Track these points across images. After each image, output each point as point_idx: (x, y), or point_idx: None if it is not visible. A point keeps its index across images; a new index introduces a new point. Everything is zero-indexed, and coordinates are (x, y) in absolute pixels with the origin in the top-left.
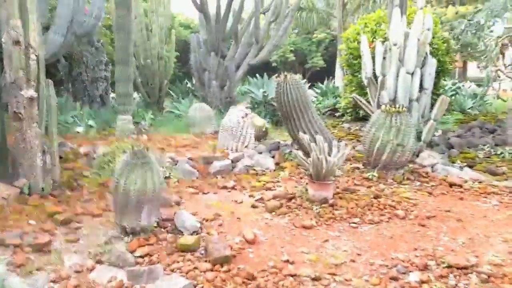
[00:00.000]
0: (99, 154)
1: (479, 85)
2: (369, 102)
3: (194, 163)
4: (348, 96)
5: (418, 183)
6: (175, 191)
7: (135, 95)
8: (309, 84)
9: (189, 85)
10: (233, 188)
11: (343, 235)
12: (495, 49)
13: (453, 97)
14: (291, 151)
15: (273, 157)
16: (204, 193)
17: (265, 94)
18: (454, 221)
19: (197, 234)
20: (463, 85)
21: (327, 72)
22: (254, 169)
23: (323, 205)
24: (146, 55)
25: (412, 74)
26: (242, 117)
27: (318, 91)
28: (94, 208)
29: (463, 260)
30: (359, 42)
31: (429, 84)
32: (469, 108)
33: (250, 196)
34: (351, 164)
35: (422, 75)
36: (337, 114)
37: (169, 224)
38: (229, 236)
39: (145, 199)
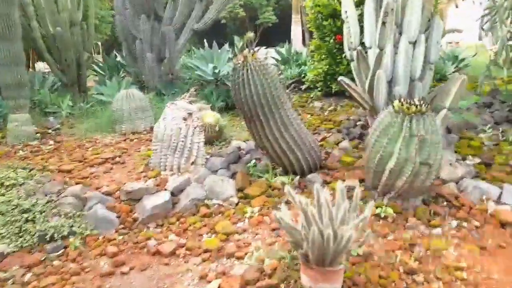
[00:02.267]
0: None
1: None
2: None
3: (113, 200)
4: (317, 67)
5: (454, 222)
6: (70, 273)
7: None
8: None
9: (119, 58)
10: (173, 254)
11: None
12: (506, 3)
13: None
14: (256, 163)
15: (233, 175)
16: (123, 273)
17: (216, 71)
18: None
19: None
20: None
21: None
22: (207, 204)
23: None
24: (54, 21)
25: (415, 43)
26: (185, 119)
27: (278, 58)
28: None
29: None
30: None
31: (435, 55)
32: (449, 74)
33: (200, 277)
34: (343, 181)
35: (426, 44)
36: (303, 87)
37: None
38: None
39: None
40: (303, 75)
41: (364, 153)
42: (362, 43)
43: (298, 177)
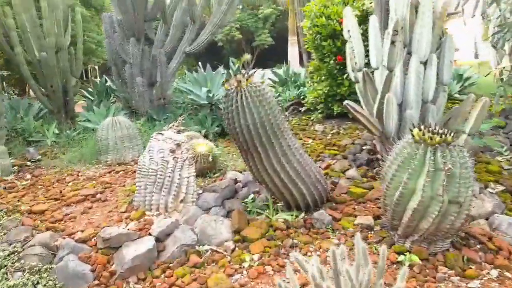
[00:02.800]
0: None
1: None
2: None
3: (89, 249)
4: (317, 88)
5: (494, 271)
6: None
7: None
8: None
9: (109, 83)
10: None
11: None
12: None
13: None
14: (255, 197)
15: (229, 213)
16: None
17: (210, 94)
18: None
19: None
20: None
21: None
22: (198, 251)
23: None
24: (40, 45)
25: (425, 63)
26: (172, 152)
27: (276, 79)
28: None
29: None
30: (327, 17)
31: (448, 76)
32: (455, 93)
33: None
34: (353, 222)
35: (438, 65)
36: (302, 109)
37: None
38: None
39: None
40: (302, 97)
41: (374, 183)
42: (366, 64)
43: (303, 214)
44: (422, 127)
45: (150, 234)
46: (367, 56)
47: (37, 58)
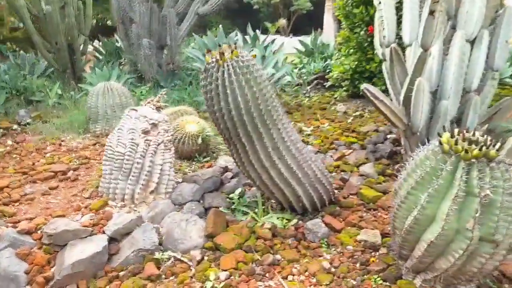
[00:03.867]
0: None
1: None
2: (384, 91)
3: (31, 245)
4: (344, 62)
5: None
6: None
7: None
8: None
9: (120, 43)
10: None
11: None
12: None
13: None
14: (244, 191)
15: (208, 210)
16: None
17: None
18: None
19: None
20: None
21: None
22: (158, 260)
23: None
24: None
25: (473, 42)
26: (146, 133)
27: (302, 49)
28: None
29: None
30: None
31: (502, 60)
32: (507, 77)
33: None
34: (355, 236)
35: (490, 45)
36: (326, 85)
37: None
38: None
39: None
40: (328, 70)
41: (393, 184)
42: (399, 38)
43: (297, 218)
44: (456, 132)
45: (104, 232)
46: (400, 29)
47: (43, 12)
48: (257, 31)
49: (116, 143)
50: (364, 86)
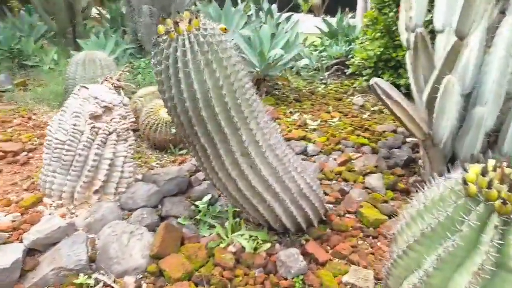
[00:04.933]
0: None
1: None
2: (401, 87)
3: None
4: (368, 48)
5: None
6: None
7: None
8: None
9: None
10: None
11: None
12: None
13: None
14: (215, 198)
15: (164, 220)
16: None
17: None
18: None
19: None
20: None
21: None
22: (81, 285)
23: None
24: None
25: None
26: (95, 118)
27: (325, 29)
28: None
29: None
30: None
31: None
32: None
33: None
34: (341, 275)
35: None
36: (347, 72)
37: None
38: None
39: None
40: (350, 56)
41: (403, 203)
42: (429, 22)
43: (270, 242)
44: (491, 163)
45: (21, 242)
46: (431, 10)
47: None
48: (274, 5)
49: (56, 127)
50: (374, 80)
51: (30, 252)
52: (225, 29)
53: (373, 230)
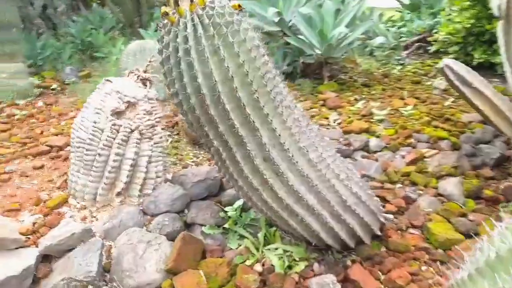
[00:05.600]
0: None
1: None
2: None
3: None
4: (455, 20)
5: None
6: None
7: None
8: None
9: None
10: None
11: None
12: None
13: None
14: (244, 209)
15: (189, 228)
16: None
17: (281, 17)
18: None
19: None
20: None
21: None
22: None
23: None
24: None
25: None
26: (117, 114)
27: (405, 1)
28: None
29: None
30: None
31: None
32: None
33: None
34: None
35: None
36: (431, 49)
37: None
38: None
39: None
40: (436, 31)
41: (488, 217)
42: None
43: (307, 261)
44: None
45: (37, 247)
46: None
47: None
48: None
49: (79, 125)
50: (445, 62)
51: (45, 258)
52: (239, 5)
53: (443, 253)
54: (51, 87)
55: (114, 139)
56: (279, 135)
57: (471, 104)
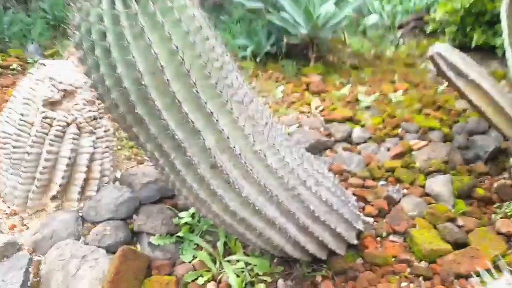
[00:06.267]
0: None
1: None
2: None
3: None
4: None
5: None
6: None
7: None
8: None
9: None
10: None
11: None
12: None
13: None
14: (203, 217)
15: (136, 238)
16: None
17: None
18: None
19: None
20: None
21: None
22: None
23: None
24: None
25: None
26: (49, 104)
27: None
28: None
29: None
30: None
31: None
32: None
33: None
34: None
35: None
36: (427, 30)
37: None
38: None
39: None
40: (433, 10)
41: (480, 222)
42: None
43: (270, 276)
44: None
45: None
46: None
47: None
48: None
49: (5, 117)
50: (435, 49)
51: None
52: None
53: (427, 266)
54: (10, 67)
55: (46, 134)
56: (228, 137)
57: (463, 95)
